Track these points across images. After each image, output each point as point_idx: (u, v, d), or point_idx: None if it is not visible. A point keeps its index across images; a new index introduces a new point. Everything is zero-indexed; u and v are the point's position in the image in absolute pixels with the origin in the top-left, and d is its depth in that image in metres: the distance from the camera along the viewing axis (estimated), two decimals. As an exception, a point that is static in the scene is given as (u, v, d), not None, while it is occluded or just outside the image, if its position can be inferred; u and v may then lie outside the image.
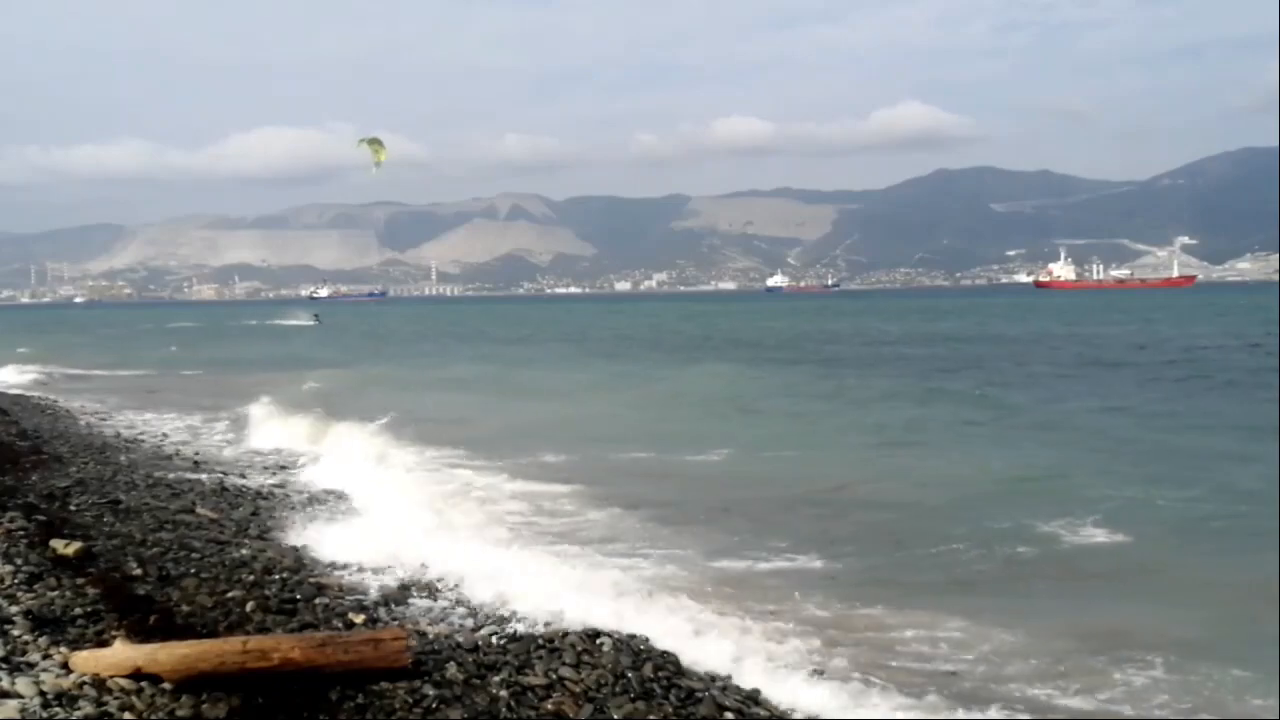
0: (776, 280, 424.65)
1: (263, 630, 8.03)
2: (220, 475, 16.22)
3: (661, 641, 8.25)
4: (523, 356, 49.98)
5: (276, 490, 15.31)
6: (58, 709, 5.98)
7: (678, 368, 40.39)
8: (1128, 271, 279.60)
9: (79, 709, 6.00)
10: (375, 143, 19.02)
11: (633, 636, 8.41)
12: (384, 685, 6.85)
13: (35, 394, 31.96)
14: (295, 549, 11.35)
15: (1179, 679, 8.05)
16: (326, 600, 9.29)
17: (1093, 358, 40.70)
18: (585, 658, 7.74)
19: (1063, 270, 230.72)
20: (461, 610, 9.23)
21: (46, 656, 6.82)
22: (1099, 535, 12.39)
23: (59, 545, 10.03)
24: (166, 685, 6.44)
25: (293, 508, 13.86)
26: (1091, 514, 13.18)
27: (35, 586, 8.49)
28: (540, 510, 14.31)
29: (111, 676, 6.44)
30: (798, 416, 25.11)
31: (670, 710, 6.99)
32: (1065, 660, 8.51)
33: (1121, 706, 7.69)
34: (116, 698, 6.22)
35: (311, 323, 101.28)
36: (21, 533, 10.58)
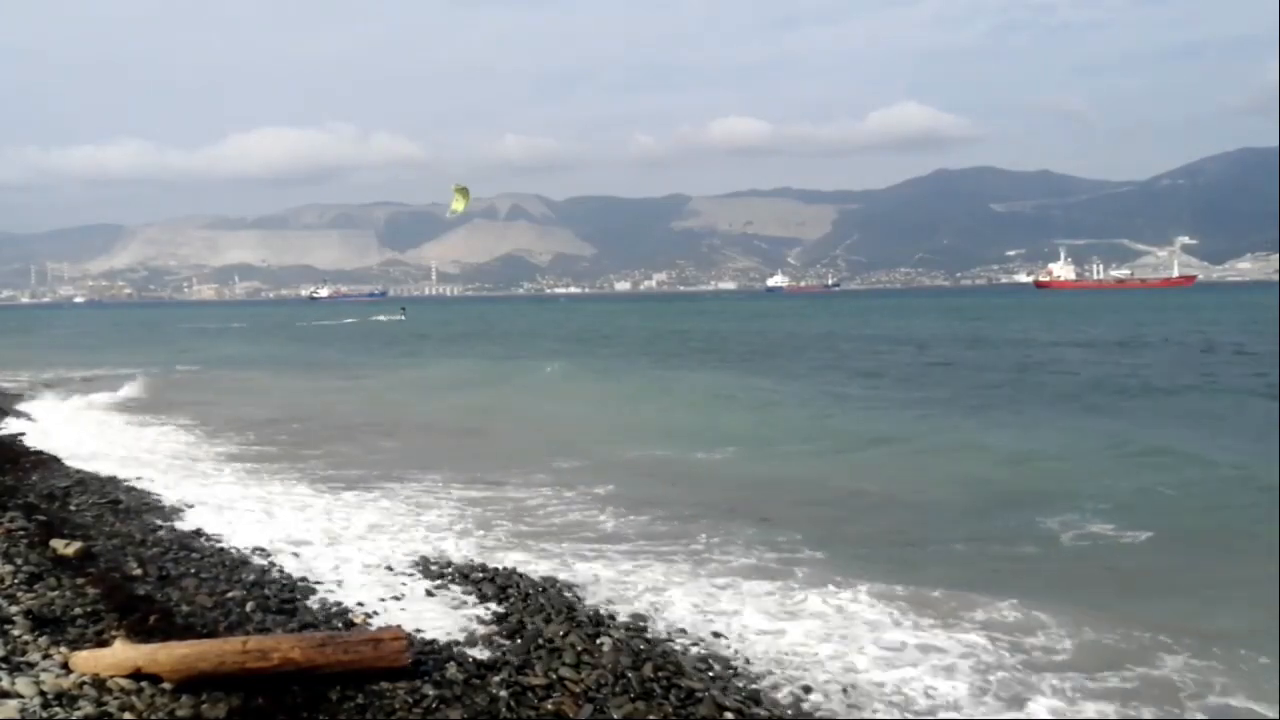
0: (777, 280, 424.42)
1: (262, 630, 8.03)
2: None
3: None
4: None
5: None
6: (58, 709, 5.98)
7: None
8: (1128, 271, 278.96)
9: (79, 709, 6.00)
10: (463, 192, 21.39)
11: (633, 635, 8.43)
12: (384, 685, 6.85)
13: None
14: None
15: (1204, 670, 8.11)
16: (326, 600, 9.30)
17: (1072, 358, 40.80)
18: (585, 658, 7.75)
19: (1063, 270, 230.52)
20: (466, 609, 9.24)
21: (46, 656, 6.82)
22: (1107, 530, 12.49)
23: (59, 545, 10.03)
24: (166, 685, 6.44)
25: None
26: (1096, 509, 13.31)
27: (35, 586, 8.49)
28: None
29: (111, 676, 6.44)
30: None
31: (670, 710, 6.98)
32: (1076, 657, 8.51)
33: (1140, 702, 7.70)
34: (116, 698, 6.22)
35: (400, 317, 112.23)
36: (21, 533, 10.59)
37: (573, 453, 18.84)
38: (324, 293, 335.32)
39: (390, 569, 10.64)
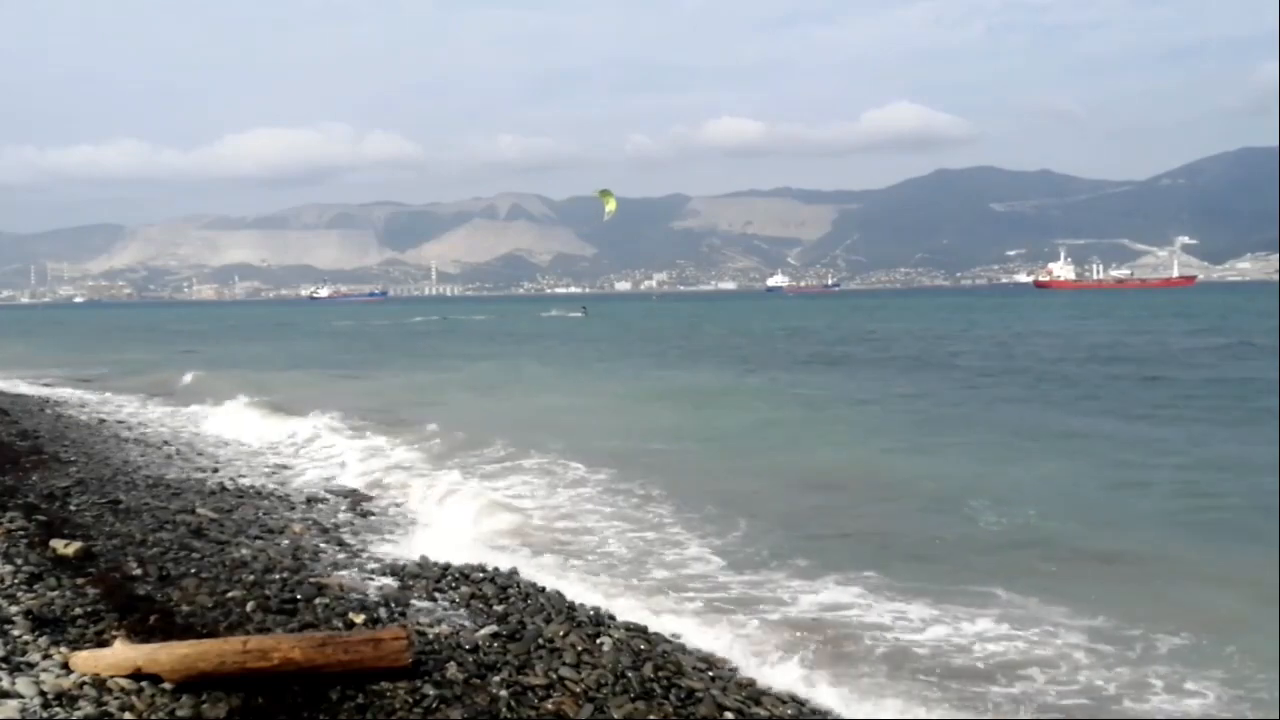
0: (777, 280, 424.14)
1: (263, 630, 8.03)
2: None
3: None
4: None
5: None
6: (58, 709, 5.97)
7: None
8: (1128, 271, 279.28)
9: (79, 709, 6.00)
10: (607, 194, 23.15)
11: (633, 635, 8.43)
12: (384, 685, 6.84)
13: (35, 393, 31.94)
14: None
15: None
16: (326, 600, 9.29)
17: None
18: (585, 658, 7.75)
19: (1063, 270, 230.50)
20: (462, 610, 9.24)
21: (46, 656, 6.81)
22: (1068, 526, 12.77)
23: (59, 545, 10.02)
24: (166, 685, 6.43)
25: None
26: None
27: (35, 586, 8.48)
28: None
29: (111, 676, 6.43)
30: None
31: (670, 710, 6.98)
32: (1063, 652, 8.54)
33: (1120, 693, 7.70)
34: (116, 698, 6.21)
35: (579, 314, 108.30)
36: (21, 533, 10.58)
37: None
38: (324, 292, 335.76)
39: (392, 568, 10.64)
